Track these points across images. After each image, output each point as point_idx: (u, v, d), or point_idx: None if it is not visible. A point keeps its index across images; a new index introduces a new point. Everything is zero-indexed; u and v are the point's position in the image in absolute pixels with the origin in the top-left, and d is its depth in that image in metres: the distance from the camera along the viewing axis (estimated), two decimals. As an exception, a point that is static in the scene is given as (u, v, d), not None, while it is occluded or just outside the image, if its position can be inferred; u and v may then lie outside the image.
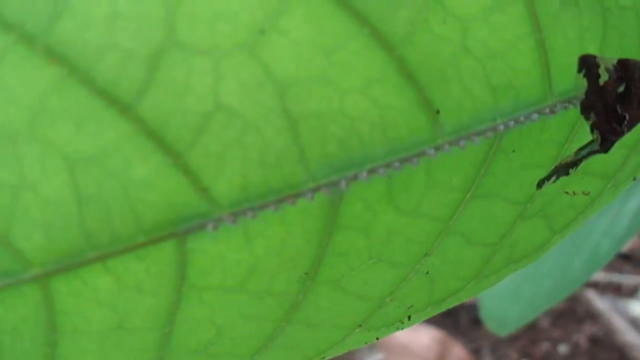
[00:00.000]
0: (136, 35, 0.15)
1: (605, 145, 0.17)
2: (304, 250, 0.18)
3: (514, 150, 0.18)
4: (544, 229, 0.20)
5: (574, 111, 0.18)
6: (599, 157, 0.19)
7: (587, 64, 0.17)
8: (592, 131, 0.18)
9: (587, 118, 0.17)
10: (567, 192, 0.20)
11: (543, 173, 0.18)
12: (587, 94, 0.17)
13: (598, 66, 0.17)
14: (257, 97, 0.16)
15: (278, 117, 0.16)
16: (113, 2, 0.14)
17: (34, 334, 0.17)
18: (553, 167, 0.19)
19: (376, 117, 0.16)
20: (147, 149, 0.15)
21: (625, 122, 0.17)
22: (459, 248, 0.19)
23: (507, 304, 0.49)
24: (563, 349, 1.03)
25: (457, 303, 0.21)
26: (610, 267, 1.09)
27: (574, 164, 0.18)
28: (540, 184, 0.19)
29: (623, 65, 0.17)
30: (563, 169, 0.18)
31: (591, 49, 0.18)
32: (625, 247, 1.11)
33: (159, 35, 0.15)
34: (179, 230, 0.16)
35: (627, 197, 0.40)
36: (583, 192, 0.20)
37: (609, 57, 0.17)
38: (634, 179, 0.20)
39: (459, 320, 1.09)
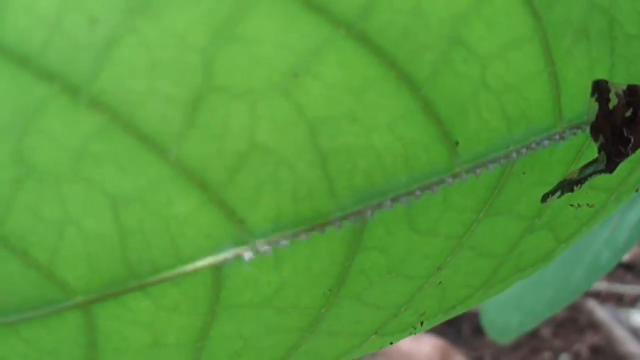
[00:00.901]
0: (175, 81, 0.15)
1: (611, 166, 0.19)
2: (329, 270, 0.19)
3: (524, 173, 0.19)
4: (550, 240, 0.21)
5: (582, 135, 0.19)
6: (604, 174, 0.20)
7: (600, 90, 0.18)
8: (599, 152, 0.19)
9: (596, 140, 0.18)
10: (572, 205, 0.21)
11: (550, 189, 0.19)
12: (597, 117, 0.18)
13: (609, 91, 0.18)
14: (290, 136, 0.16)
15: (309, 153, 0.17)
16: (151, 51, 0.15)
17: (74, 354, 0.18)
18: (558, 183, 0.20)
19: (400, 150, 0.17)
20: (187, 188, 0.16)
21: (631, 144, 0.18)
22: (470, 260, 0.20)
23: (508, 313, 0.50)
24: (564, 358, 1.03)
25: (466, 310, 0.22)
26: (612, 277, 1.09)
27: (579, 182, 0.19)
28: (544, 199, 0.20)
29: (632, 91, 0.18)
30: (568, 186, 0.19)
31: (600, 78, 0.19)
32: (628, 258, 1.11)
33: (198, 81, 0.15)
34: (217, 261, 0.17)
35: (628, 208, 0.41)
36: (588, 205, 0.21)
37: (619, 83, 0.18)
38: (637, 190, 0.22)
39: (461, 330, 1.10)
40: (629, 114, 0.18)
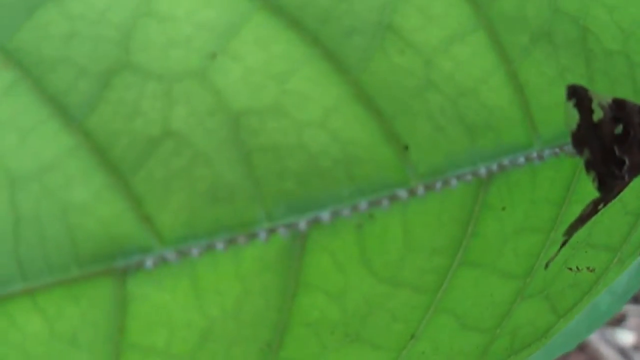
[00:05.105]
0: (91, 53, 0.15)
1: (604, 189, 0.15)
2: (265, 314, 0.15)
3: (504, 208, 0.16)
4: (548, 312, 0.17)
5: (569, 166, 0.16)
6: (604, 226, 0.17)
7: (577, 94, 0.16)
8: (587, 170, 0.15)
9: (580, 153, 0.15)
10: (570, 268, 0.17)
11: (540, 239, 0.16)
12: (579, 127, 0.15)
13: (590, 99, 0.16)
14: (208, 125, 0.15)
15: (231, 148, 0.15)
16: (71, 22, 0.15)
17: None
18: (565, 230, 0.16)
19: (338, 153, 0.15)
20: (90, 165, 0.15)
21: (626, 167, 0.15)
22: (452, 333, 0.16)
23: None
24: (550, 376, 1.00)
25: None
26: (599, 295, 1.11)
27: (581, 221, 0.16)
28: (547, 263, 0.16)
29: (619, 105, 0.16)
30: (570, 230, 0.16)
31: None
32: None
33: (112, 56, 0.15)
34: (117, 265, 0.15)
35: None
36: (587, 268, 0.17)
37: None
38: None
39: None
40: (618, 130, 0.16)
